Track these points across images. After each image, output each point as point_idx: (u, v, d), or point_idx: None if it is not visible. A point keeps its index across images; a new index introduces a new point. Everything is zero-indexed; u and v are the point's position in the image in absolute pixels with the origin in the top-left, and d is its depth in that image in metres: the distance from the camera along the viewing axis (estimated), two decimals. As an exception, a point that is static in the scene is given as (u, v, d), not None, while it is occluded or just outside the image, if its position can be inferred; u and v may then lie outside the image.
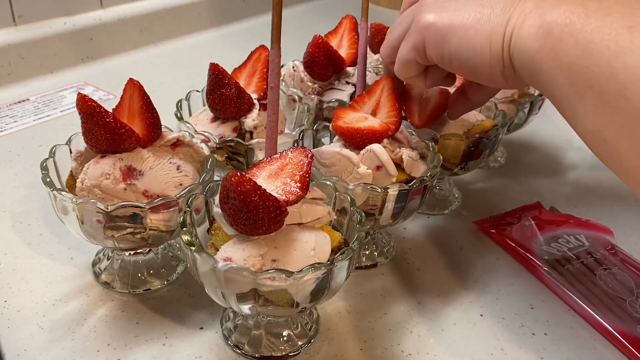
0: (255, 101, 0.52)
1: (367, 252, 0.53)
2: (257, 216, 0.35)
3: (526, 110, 0.63)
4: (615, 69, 0.30)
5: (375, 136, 0.46)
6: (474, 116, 0.55)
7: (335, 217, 0.41)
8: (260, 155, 0.50)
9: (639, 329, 0.46)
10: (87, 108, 0.40)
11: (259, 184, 0.35)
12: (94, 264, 0.50)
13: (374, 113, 0.48)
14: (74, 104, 0.77)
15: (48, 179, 0.42)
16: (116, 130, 0.41)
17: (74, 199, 0.40)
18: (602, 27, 0.31)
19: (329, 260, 0.37)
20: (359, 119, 0.47)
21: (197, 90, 0.56)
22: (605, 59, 0.31)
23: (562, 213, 0.60)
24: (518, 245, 0.54)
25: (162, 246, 0.50)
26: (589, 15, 0.32)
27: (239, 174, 0.34)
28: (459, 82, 0.50)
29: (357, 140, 0.46)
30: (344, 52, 0.62)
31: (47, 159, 0.44)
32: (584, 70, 0.32)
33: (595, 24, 0.32)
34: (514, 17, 0.37)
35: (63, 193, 0.41)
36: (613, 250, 0.54)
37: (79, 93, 0.41)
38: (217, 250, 0.38)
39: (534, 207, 0.61)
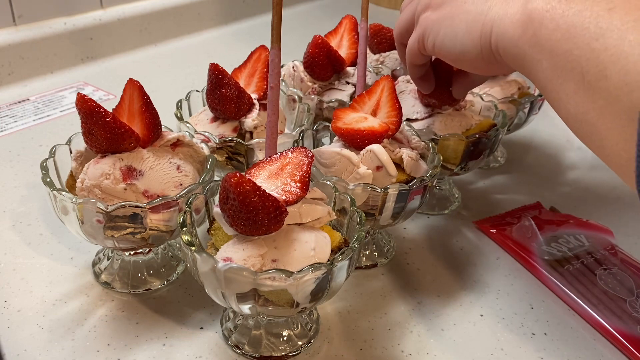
0: (255, 101, 0.52)
1: (367, 252, 0.53)
2: (257, 217, 0.35)
3: (526, 110, 0.63)
4: (595, 50, 0.31)
5: (375, 137, 0.46)
6: (473, 116, 0.55)
7: (335, 217, 0.41)
8: (260, 155, 0.50)
9: (639, 329, 0.46)
10: (87, 108, 0.40)
11: (259, 185, 0.35)
12: (94, 264, 0.50)
13: (374, 113, 0.48)
14: (74, 104, 0.77)
15: (48, 179, 0.42)
16: (115, 130, 0.41)
17: (74, 199, 0.40)
18: (583, 11, 0.32)
19: (329, 260, 0.37)
20: (359, 119, 0.47)
21: (197, 90, 0.56)
22: (585, 41, 0.31)
23: (562, 213, 0.60)
24: (518, 245, 0.54)
25: (162, 246, 0.50)
26: (570, 0, 0.33)
27: (238, 174, 0.34)
28: None
29: (357, 141, 0.46)
30: (344, 52, 0.62)
31: (47, 159, 0.44)
32: (565, 54, 0.32)
33: (576, 8, 0.32)
34: (495, 5, 0.38)
35: (63, 193, 0.41)
36: (613, 250, 0.54)
37: (78, 93, 0.41)
38: (217, 250, 0.38)
39: (534, 207, 0.61)
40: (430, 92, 0.53)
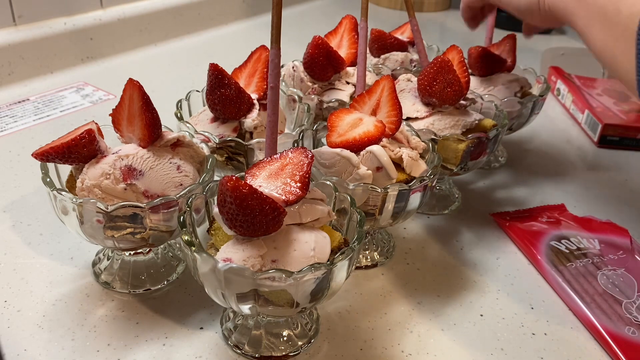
0: (255, 101, 0.52)
1: (367, 252, 0.53)
2: (255, 219, 0.35)
3: (528, 110, 0.63)
4: None
5: (371, 141, 0.46)
6: (474, 115, 0.55)
7: (335, 217, 0.41)
8: (260, 155, 0.50)
9: (626, 329, 0.46)
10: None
11: (256, 187, 0.35)
12: (94, 264, 0.50)
13: (374, 113, 0.48)
14: (74, 104, 0.78)
15: (48, 179, 0.42)
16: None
17: (74, 199, 0.40)
18: None
19: (329, 260, 0.37)
20: (354, 122, 0.47)
21: (197, 90, 0.56)
22: None
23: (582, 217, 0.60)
24: (526, 236, 0.54)
25: (162, 246, 0.50)
26: None
27: (234, 178, 0.34)
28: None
29: (354, 149, 0.46)
30: (344, 52, 0.62)
31: (47, 159, 0.44)
32: (594, 2, 0.45)
33: None
34: None
35: (63, 193, 0.41)
36: (624, 255, 0.54)
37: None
38: (217, 250, 0.38)
39: (558, 207, 0.61)
40: (474, 29, 0.66)
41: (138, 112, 0.43)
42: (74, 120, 0.74)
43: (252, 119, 0.50)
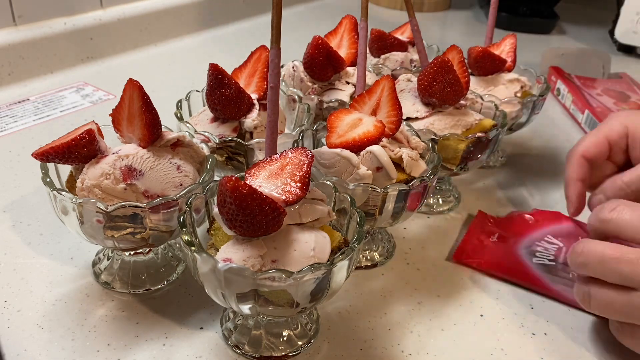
0: (255, 101, 0.52)
1: (367, 252, 0.53)
2: (254, 220, 0.35)
3: (529, 109, 0.63)
4: None
5: (371, 142, 0.46)
6: (474, 115, 0.55)
7: (335, 217, 0.41)
8: (260, 155, 0.50)
9: None
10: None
11: (256, 187, 0.35)
12: (94, 264, 0.50)
13: (374, 113, 0.48)
14: (74, 104, 0.78)
15: (48, 179, 0.42)
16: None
17: (74, 199, 0.40)
18: None
19: (329, 260, 0.37)
20: (353, 123, 0.47)
21: (197, 90, 0.56)
22: None
23: (505, 216, 0.58)
24: (511, 267, 0.52)
25: (162, 246, 0.50)
26: None
27: (234, 178, 0.34)
28: None
29: (354, 150, 0.46)
30: (344, 52, 0.62)
31: (47, 159, 0.44)
32: None
33: None
34: None
35: (63, 193, 0.41)
36: (585, 234, 0.52)
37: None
38: (217, 250, 0.38)
39: (480, 218, 0.58)
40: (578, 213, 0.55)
41: (138, 112, 0.43)
42: (74, 120, 0.74)
43: (252, 119, 0.50)
